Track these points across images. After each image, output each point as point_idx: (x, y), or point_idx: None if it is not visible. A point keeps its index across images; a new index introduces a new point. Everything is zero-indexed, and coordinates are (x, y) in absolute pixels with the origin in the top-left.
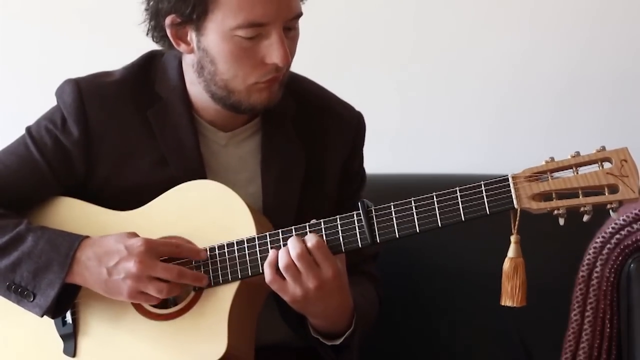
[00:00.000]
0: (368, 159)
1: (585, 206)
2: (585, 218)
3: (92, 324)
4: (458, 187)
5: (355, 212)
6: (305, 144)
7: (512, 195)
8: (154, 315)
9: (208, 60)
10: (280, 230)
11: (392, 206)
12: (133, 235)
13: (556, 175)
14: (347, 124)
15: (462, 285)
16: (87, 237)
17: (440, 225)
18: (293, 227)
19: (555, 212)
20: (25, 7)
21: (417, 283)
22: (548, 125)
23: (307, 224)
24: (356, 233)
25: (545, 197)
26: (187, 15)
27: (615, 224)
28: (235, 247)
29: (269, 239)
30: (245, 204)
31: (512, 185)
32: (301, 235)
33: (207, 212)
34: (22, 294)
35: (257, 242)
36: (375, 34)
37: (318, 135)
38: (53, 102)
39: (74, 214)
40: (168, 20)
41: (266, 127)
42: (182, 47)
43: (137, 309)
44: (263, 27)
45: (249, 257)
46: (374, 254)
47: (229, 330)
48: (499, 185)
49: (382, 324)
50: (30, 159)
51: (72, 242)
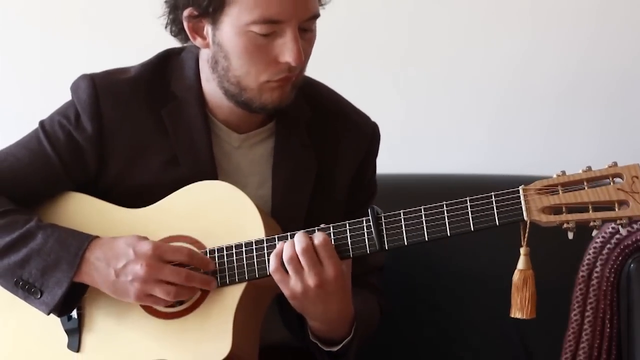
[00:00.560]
0: None
1: (594, 221)
2: (594, 232)
3: (98, 320)
4: (468, 197)
5: (364, 219)
6: (318, 150)
7: (522, 207)
8: (159, 314)
9: (222, 55)
10: (289, 234)
11: (402, 214)
12: (143, 238)
13: (567, 189)
14: (362, 133)
15: (462, 285)
16: (96, 237)
17: (449, 234)
18: (302, 230)
19: (565, 225)
20: (26, 7)
21: (417, 283)
22: (548, 125)
23: (316, 227)
24: (365, 239)
25: (555, 210)
26: (204, 8)
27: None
28: (244, 249)
29: (277, 242)
30: (255, 206)
31: (522, 197)
32: (310, 233)
33: (216, 212)
34: (29, 291)
35: (265, 245)
36: (374, 34)
37: (332, 142)
38: (53, 102)
39: (84, 210)
40: (186, 13)
41: (280, 132)
42: (198, 41)
43: (143, 307)
44: (278, 24)
45: (256, 258)
46: (379, 266)
47: (233, 331)
48: (509, 196)
49: (382, 324)
50: (42, 153)
51: (82, 242)
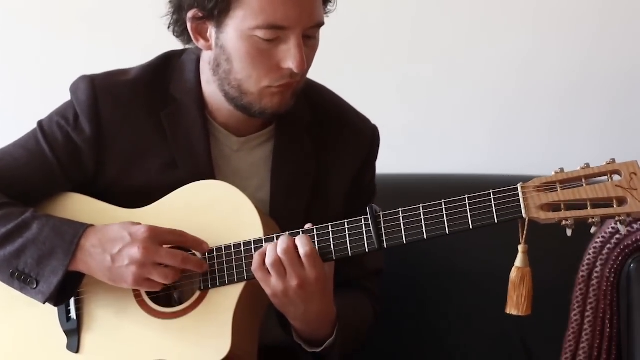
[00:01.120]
0: None
1: (593, 218)
2: (593, 229)
3: (97, 321)
4: (467, 195)
5: (363, 217)
6: (318, 153)
7: (520, 205)
8: (158, 314)
9: (224, 58)
10: (287, 233)
11: (401, 212)
12: (137, 223)
13: (565, 186)
14: (362, 137)
15: (462, 285)
16: (91, 225)
17: (447, 232)
18: (300, 229)
19: (563, 222)
20: (25, 7)
21: (417, 283)
22: (550, 126)
23: (315, 227)
24: (363, 238)
25: (554, 207)
26: (209, 10)
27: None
28: (242, 248)
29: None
30: (253, 205)
31: (521, 194)
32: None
33: (215, 212)
34: (25, 281)
35: (264, 244)
36: (377, 34)
37: (332, 145)
38: (53, 102)
39: (81, 210)
40: (190, 14)
41: (280, 135)
42: (201, 43)
43: (142, 307)
44: (282, 30)
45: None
46: (376, 270)
47: (233, 330)
48: (507, 194)
49: (382, 324)
50: (40, 153)
51: (77, 230)
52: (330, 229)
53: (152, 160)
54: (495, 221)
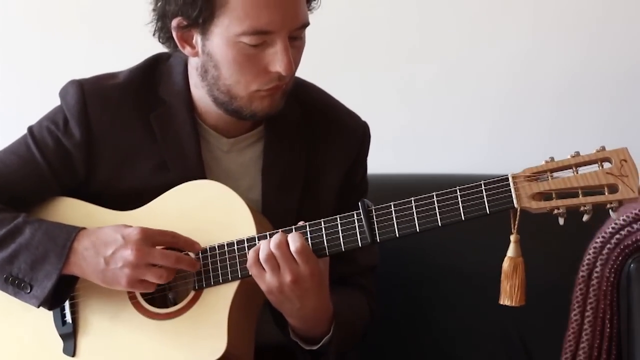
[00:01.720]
0: (370, 159)
1: (585, 206)
2: (585, 218)
3: (92, 324)
4: (458, 187)
5: (355, 212)
6: (308, 151)
7: (512, 195)
8: (154, 315)
9: (212, 65)
10: (280, 230)
11: (392, 206)
12: (129, 226)
13: (556, 175)
14: (353, 134)
15: (462, 285)
16: (83, 228)
17: (440, 224)
18: (293, 226)
19: (555, 211)
20: (26, 7)
21: (417, 283)
22: (550, 125)
23: (307, 223)
24: (356, 232)
25: (545, 196)
26: (193, 18)
27: (615, 224)
28: (236, 247)
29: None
30: (245, 204)
31: (512, 184)
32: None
33: (207, 211)
34: (19, 286)
35: (257, 242)
36: (377, 34)
37: (322, 143)
38: (54, 103)
39: (74, 214)
40: (174, 23)
41: (270, 135)
42: (187, 50)
43: (137, 308)
44: (268, 35)
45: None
46: (371, 266)
47: (228, 330)
48: (499, 184)
49: (380, 324)
50: (31, 159)
51: (69, 233)
52: (322, 225)
53: (142, 162)
54: (487, 212)
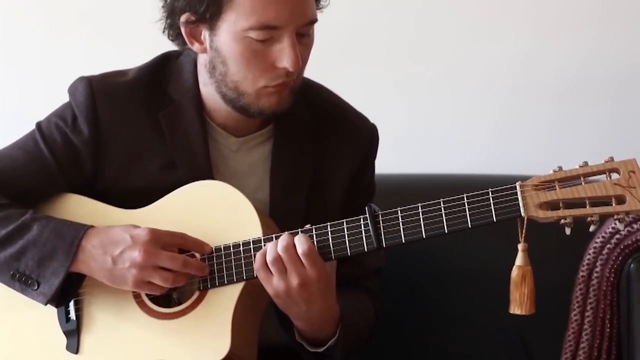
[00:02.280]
0: None
1: (592, 216)
2: (592, 228)
3: (96, 321)
4: (465, 194)
5: (362, 217)
6: (316, 153)
7: (519, 204)
8: (158, 314)
9: (220, 61)
10: (287, 232)
11: (399, 211)
12: (138, 226)
13: (564, 184)
14: (361, 136)
15: (462, 285)
16: (92, 226)
17: (446, 231)
18: (300, 229)
19: (562, 221)
20: (26, 7)
21: (417, 283)
22: (551, 126)
23: (314, 226)
24: (362, 237)
25: (553, 206)
26: (201, 13)
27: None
28: (241, 248)
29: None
30: (252, 205)
31: (519, 193)
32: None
33: (213, 212)
34: (26, 283)
35: (263, 244)
36: (378, 34)
37: (331, 145)
38: (54, 102)
39: (80, 211)
40: (183, 18)
41: (278, 135)
42: (196, 46)
43: (142, 307)
44: (275, 30)
45: (254, 258)
46: (376, 269)
47: (232, 331)
48: (506, 192)
49: (382, 324)
50: (39, 154)
51: (78, 231)
52: (329, 229)
53: (150, 161)
54: (494, 220)
